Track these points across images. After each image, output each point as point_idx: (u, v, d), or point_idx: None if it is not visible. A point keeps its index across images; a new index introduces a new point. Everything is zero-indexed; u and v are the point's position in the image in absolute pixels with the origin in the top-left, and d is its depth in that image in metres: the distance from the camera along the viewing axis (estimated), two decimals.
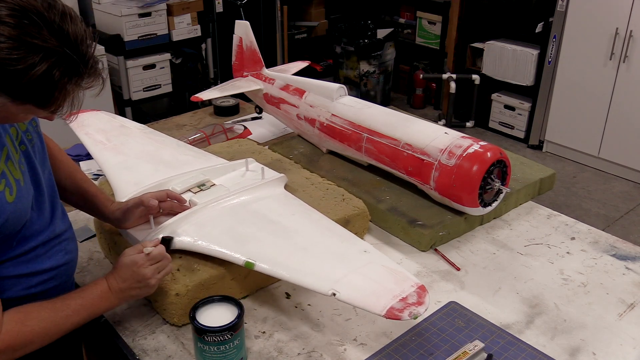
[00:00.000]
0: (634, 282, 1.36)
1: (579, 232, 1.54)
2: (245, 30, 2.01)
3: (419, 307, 1.02)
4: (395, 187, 1.61)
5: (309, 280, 1.12)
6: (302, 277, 1.13)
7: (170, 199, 1.31)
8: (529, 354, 1.14)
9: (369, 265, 1.15)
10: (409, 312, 1.01)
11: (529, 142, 4.25)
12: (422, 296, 1.05)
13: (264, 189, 1.42)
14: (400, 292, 1.05)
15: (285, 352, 1.15)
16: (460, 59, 4.53)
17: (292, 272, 1.14)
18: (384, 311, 1.01)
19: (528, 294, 1.32)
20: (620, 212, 3.48)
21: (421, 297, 1.05)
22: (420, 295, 1.05)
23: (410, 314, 1.01)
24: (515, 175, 1.64)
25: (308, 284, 1.11)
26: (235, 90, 1.98)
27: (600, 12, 3.61)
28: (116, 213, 1.28)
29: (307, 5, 5.01)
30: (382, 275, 1.11)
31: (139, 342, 1.18)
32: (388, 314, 1.01)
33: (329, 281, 1.10)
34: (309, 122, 1.78)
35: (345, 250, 1.20)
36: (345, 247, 1.22)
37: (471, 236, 1.52)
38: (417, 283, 1.08)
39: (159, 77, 3.95)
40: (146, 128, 1.74)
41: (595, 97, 3.77)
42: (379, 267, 1.14)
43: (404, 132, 1.54)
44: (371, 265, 1.15)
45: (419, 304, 1.03)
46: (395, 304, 1.02)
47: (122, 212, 1.27)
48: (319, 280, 1.11)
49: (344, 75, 4.69)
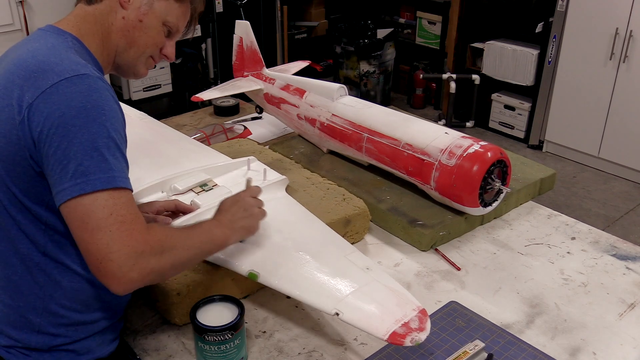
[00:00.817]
0: (634, 282, 1.36)
1: (579, 232, 1.54)
2: (246, 30, 2.01)
3: (420, 334, 1.03)
4: (395, 187, 1.61)
5: (312, 297, 1.12)
6: (305, 294, 1.13)
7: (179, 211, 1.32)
8: (530, 354, 1.14)
9: (372, 284, 1.15)
10: (410, 339, 1.02)
11: (529, 142, 4.25)
12: (424, 321, 1.05)
13: (266, 192, 1.42)
14: (402, 316, 1.06)
15: (285, 352, 1.15)
16: (460, 59, 4.53)
17: (295, 288, 1.14)
18: (386, 336, 1.02)
19: (528, 294, 1.32)
20: (620, 212, 3.48)
21: (422, 322, 1.05)
22: (422, 321, 1.06)
23: (412, 340, 1.01)
24: (516, 175, 1.65)
25: (311, 302, 1.12)
26: (235, 90, 1.98)
27: (600, 12, 3.61)
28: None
29: (307, 5, 5.01)
30: (385, 296, 1.11)
31: (140, 342, 1.18)
32: (391, 339, 1.02)
33: (332, 300, 1.10)
34: (310, 122, 1.78)
35: (348, 266, 1.20)
36: (348, 262, 1.21)
37: (471, 236, 1.52)
38: (418, 307, 1.09)
39: (159, 77, 3.95)
40: (146, 116, 1.73)
41: (595, 97, 3.77)
42: (382, 286, 1.14)
43: (404, 132, 1.54)
44: (374, 284, 1.15)
45: (421, 330, 1.04)
46: (398, 329, 1.03)
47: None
48: (322, 298, 1.11)
49: (344, 75, 4.69)
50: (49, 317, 1.04)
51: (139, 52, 1.12)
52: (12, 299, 1.04)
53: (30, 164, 0.95)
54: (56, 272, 1.02)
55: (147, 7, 1.09)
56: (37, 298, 1.03)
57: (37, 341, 1.04)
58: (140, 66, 1.15)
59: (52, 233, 1.00)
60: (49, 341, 1.04)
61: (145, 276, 0.94)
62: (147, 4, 1.09)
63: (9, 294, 1.04)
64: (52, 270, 1.02)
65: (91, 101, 0.93)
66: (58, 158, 0.91)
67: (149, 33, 1.10)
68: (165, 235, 1.00)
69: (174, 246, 1.00)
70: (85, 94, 0.93)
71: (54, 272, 1.02)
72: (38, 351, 1.05)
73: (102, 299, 1.08)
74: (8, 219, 1.00)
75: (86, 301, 1.06)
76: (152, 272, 0.95)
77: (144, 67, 1.16)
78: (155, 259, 0.95)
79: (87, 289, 1.05)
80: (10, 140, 0.95)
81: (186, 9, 1.14)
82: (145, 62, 1.15)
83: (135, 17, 1.08)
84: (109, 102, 0.96)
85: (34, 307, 1.03)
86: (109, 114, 0.94)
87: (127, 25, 1.09)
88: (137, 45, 1.11)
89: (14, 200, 0.99)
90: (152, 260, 0.94)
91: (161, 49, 1.15)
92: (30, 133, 0.93)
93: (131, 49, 1.11)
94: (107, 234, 0.91)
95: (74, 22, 1.07)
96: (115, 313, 1.13)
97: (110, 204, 0.92)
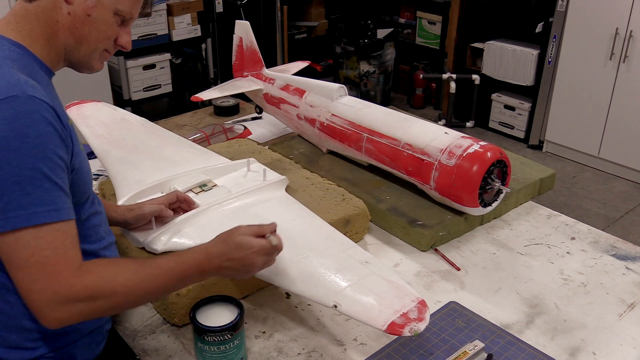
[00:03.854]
0: (634, 282, 1.36)
1: (579, 232, 1.54)
2: (246, 30, 2.01)
3: (419, 324, 1.02)
4: (395, 187, 1.61)
5: (311, 290, 1.12)
6: (303, 288, 1.13)
7: (180, 201, 1.33)
8: (529, 354, 1.14)
9: (371, 276, 1.15)
10: (409, 328, 1.01)
11: (529, 142, 4.25)
12: (423, 312, 1.05)
13: (265, 192, 1.42)
14: (401, 307, 1.06)
15: (285, 352, 1.15)
16: (460, 59, 4.53)
17: (294, 282, 1.14)
18: (385, 326, 1.02)
19: (528, 294, 1.32)
20: (620, 212, 3.48)
21: (422, 312, 1.05)
22: (421, 311, 1.05)
23: (411, 330, 1.01)
24: (516, 175, 1.65)
25: (310, 295, 1.12)
26: (235, 90, 1.98)
27: (600, 12, 3.61)
28: (127, 215, 1.27)
29: (307, 5, 5.01)
30: (384, 288, 1.11)
31: (139, 342, 1.18)
32: (389, 329, 1.02)
33: (330, 292, 1.10)
34: (309, 122, 1.78)
35: (347, 260, 1.20)
36: (347, 256, 1.21)
37: (471, 236, 1.52)
38: (417, 298, 1.08)
39: (159, 77, 3.95)
40: (147, 122, 1.73)
41: (595, 97, 3.77)
42: (380, 279, 1.14)
43: (404, 132, 1.54)
44: (372, 276, 1.15)
45: (420, 320, 1.03)
46: (397, 319, 1.03)
47: (136, 216, 1.27)
48: (321, 291, 1.11)
49: (344, 75, 4.69)
50: (24, 333, 1.01)
51: (90, 48, 1.02)
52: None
53: None
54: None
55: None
56: (9, 317, 0.99)
57: (15, 356, 1.01)
58: (94, 62, 1.05)
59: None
60: (28, 355, 1.02)
61: (74, 317, 0.90)
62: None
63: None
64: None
65: (14, 129, 0.86)
66: None
67: (100, 27, 1.00)
68: (102, 279, 0.92)
69: (113, 292, 0.92)
70: (8, 121, 0.86)
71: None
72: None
73: None
74: None
75: None
76: (82, 315, 0.91)
77: (98, 62, 1.06)
78: (85, 304, 0.90)
79: None
80: None
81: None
82: (99, 56, 1.05)
83: (83, 11, 0.98)
84: (37, 127, 0.88)
85: (8, 326, 1.00)
86: (34, 142, 0.87)
87: (74, 22, 0.99)
88: (87, 41, 1.01)
89: None
90: (79, 305, 0.90)
91: (115, 39, 1.04)
92: None
93: (82, 46, 1.01)
94: (28, 275, 0.87)
95: (14, 23, 0.98)
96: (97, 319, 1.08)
97: (32, 245, 0.87)
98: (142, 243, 1.26)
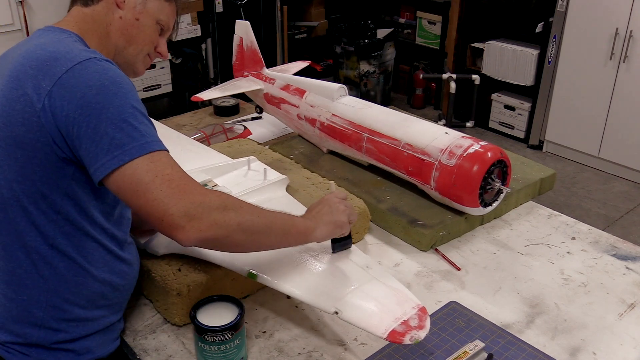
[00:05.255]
0: (634, 282, 1.36)
1: (579, 232, 1.54)
2: (246, 30, 2.01)
3: (420, 332, 1.02)
4: (395, 187, 1.61)
5: (311, 297, 1.12)
6: (305, 294, 1.12)
7: None
8: (530, 354, 1.14)
9: (371, 282, 1.15)
10: (410, 337, 1.01)
11: (529, 142, 4.25)
12: (423, 319, 1.05)
13: (266, 192, 1.42)
14: (402, 314, 1.06)
15: (285, 352, 1.15)
16: (460, 59, 4.53)
17: (295, 287, 1.14)
18: (385, 334, 1.02)
19: (528, 294, 1.32)
20: (620, 212, 3.48)
21: (422, 320, 1.05)
22: (422, 319, 1.05)
23: (412, 338, 1.01)
24: (516, 175, 1.65)
25: (311, 301, 1.12)
26: (235, 90, 1.98)
27: (600, 12, 3.61)
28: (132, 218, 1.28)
29: (307, 5, 5.01)
30: (384, 295, 1.11)
31: (140, 342, 1.18)
32: (390, 337, 1.02)
33: (331, 299, 1.10)
34: (310, 122, 1.78)
35: (347, 265, 1.20)
36: (347, 261, 1.21)
37: (471, 236, 1.52)
38: (418, 304, 1.08)
39: (159, 77, 3.95)
40: None
41: (595, 97, 3.77)
42: (381, 285, 1.14)
43: (404, 132, 1.54)
44: (373, 282, 1.15)
45: (420, 328, 1.03)
46: (397, 327, 1.03)
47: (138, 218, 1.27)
48: (322, 297, 1.11)
49: (344, 75, 4.69)
50: (52, 311, 1.04)
51: (137, 49, 1.17)
52: (16, 292, 1.05)
53: (54, 149, 0.97)
54: (62, 266, 1.03)
55: (142, 6, 1.15)
56: (41, 291, 1.04)
57: (38, 336, 1.05)
58: (139, 64, 1.20)
59: (63, 224, 1.02)
60: (50, 336, 1.05)
61: (211, 228, 0.94)
62: (142, 3, 1.15)
63: (12, 288, 1.05)
64: (59, 263, 1.03)
65: (108, 78, 0.97)
66: (90, 137, 0.94)
67: (146, 31, 1.17)
68: (227, 196, 1.01)
69: (240, 207, 1.00)
70: (100, 72, 0.98)
71: (60, 266, 1.03)
72: (38, 348, 1.05)
73: (105, 297, 1.09)
74: (18, 211, 1.01)
75: (89, 297, 1.07)
76: (217, 226, 0.95)
77: (142, 65, 1.21)
78: (218, 212, 0.95)
79: (91, 285, 1.06)
80: (30, 127, 0.97)
81: (174, 8, 1.21)
82: (143, 60, 1.20)
83: (132, 16, 1.14)
84: (124, 77, 1.01)
85: (37, 301, 1.04)
86: (126, 87, 0.99)
87: (125, 24, 1.14)
88: (135, 42, 1.16)
89: (31, 190, 1.00)
90: (214, 213, 0.95)
91: (155, 47, 1.21)
92: (53, 119, 0.96)
93: (130, 47, 1.16)
94: (159, 192, 0.93)
95: (73, 22, 1.12)
96: (116, 312, 1.13)
97: (152, 167, 0.94)
98: (143, 245, 1.26)
